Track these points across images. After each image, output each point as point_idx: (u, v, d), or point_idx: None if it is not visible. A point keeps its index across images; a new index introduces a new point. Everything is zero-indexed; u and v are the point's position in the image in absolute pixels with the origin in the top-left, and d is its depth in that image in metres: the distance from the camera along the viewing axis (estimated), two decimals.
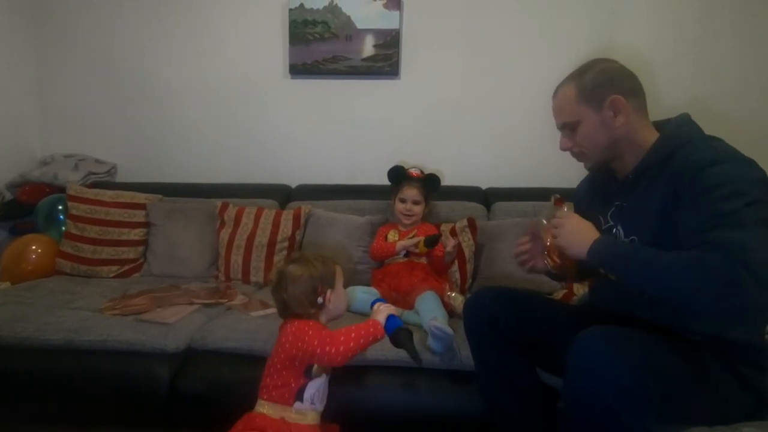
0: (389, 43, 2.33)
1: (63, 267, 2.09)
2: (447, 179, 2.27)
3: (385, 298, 1.63)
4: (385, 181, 2.02)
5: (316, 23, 2.34)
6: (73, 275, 2.07)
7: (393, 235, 1.96)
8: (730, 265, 0.84)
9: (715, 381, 0.94)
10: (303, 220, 2.12)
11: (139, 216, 2.18)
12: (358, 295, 1.64)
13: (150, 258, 2.17)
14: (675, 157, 1.00)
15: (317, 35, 2.35)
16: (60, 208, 2.26)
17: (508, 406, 1.20)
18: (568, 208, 1.14)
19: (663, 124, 1.10)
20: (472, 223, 1.99)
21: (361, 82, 2.41)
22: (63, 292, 1.83)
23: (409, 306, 1.64)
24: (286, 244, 2.07)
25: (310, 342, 1.15)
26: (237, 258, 2.06)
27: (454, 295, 1.67)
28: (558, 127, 1.15)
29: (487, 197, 2.26)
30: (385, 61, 2.35)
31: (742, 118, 2.22)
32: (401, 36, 2.35)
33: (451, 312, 1.59)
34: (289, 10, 2.35)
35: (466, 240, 1.97)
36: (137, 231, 2.16)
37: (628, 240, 1.06)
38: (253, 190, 2.33)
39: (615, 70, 1.09)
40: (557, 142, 1.16)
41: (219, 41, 2.46)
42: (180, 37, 2.47)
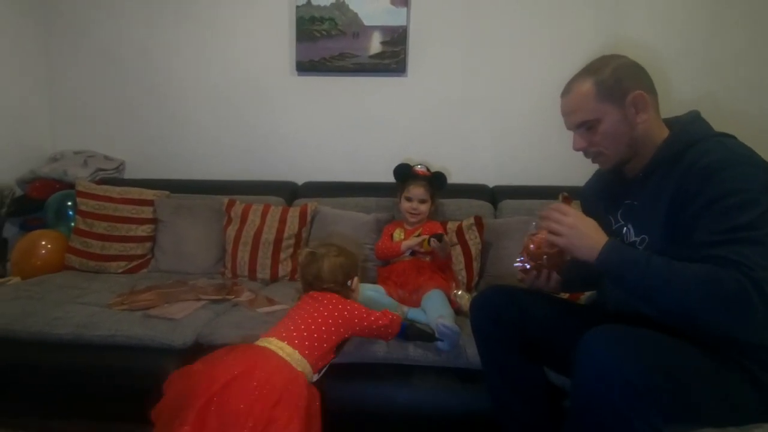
0: (396, 41, 2.32)
1: (72, 262, 2.11)
2: (454, 177, 2.26)
3: (392, 296, 1.65)
4: (391, 178, 2.02)
5: (323, 20, 2.34)
6: (82, 271, 2.09)
7: (399, 234, 1.95)
8: (740, 284, 0.83)
9: (725, 381, 0.92)
10: (309, 218, 2.12)
11: (146, 212, 2.19)
12: (364, 292, 1.64)
13: (157, 254, 2.18)
14: (685, 155, 0.98)
15: (324, 32, 2.35)
16: (69, 204, 2.28)
17: (513, 404, 1.20)
18: (575, 207, 1.13)
19: (673, 122, 1.08)
20: (478, 221, 1.98)
21: (368, 79, 2.40)
22: (72, 287, 1.85)
23: (415, 304, 1.64)
24: (292, 241, 2.08)
25: (359, 313, 1.25)
26: (244, 254, 2.06)
27: (460, 293, 1.67)
28: (570, 127, 1.10)
29: (494, 195, 2.25)
30: (392, 58, 2.34)
31: (751, 115, 2.19)
32: (408, 33, 2.34)
33: (457, 310, 1.59)
34: (296, 7, 2.35)
35: (473, 238, 1.96)
36: (145, 227, 2.18)
37: (638, 239, 1.05)
38: (259, 186, 2.34)
39: (633, 65, 1.06)
40: (565, 139, 1.14)
41: (226, 39, 2.46)
42: (188, 35, 2.48)
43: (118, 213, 2.15)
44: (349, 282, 1.34)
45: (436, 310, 1.49)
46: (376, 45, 2.34)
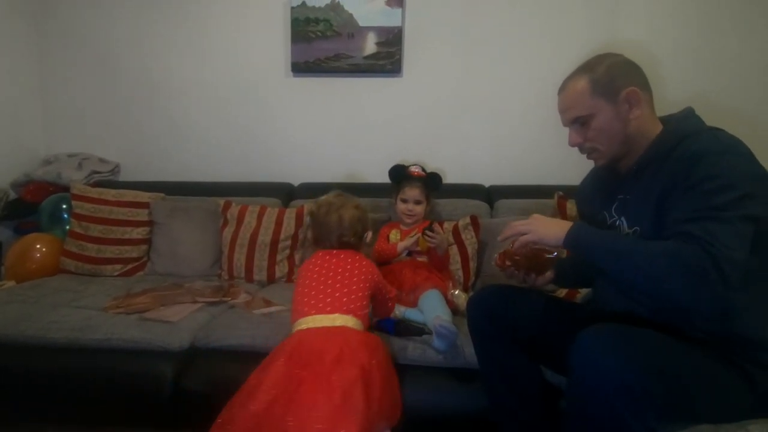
0: (391, 41, 2.33)
1: (67, 266, 2.10)
2: (449, 177, 2.26)
3: None
4: (387, 179, 2.02)
5: (318, 21, 2.34)
6: (77, 274, 2.08)
7: (395, 235, 1.95)
8: (699, 259, 0.86)
9: (719, 379, 0.93)
10: (306, 219, 2.12)
11: (142, 215, 2.18)
12: None
13: (153, 256, 2.17)
14: (677, 148, 1.00)
15: (319, 33, 2.35)
16: (64, 207, 2.27)
17: (510, 403, 1.21)
18: (570, 206, 1.15)
19: (667, 119, 1.10)
20: (474, 221, 1.98)
21: (363, 80, 2.40)
22: (67, 290, 1.84)
23: (412, 304, 1.64)
24: (288, 243, 2.08)
25: (379, 275, 1.30)
26: (240, 256, 2.06)
27: (457, 293, 1.67)
28: (566, 123, 1.13)
29: (490, 195, 2.25)
30: (387, 59, 2.34)
31: (745, 113, 2.20)
32: (403, 34, 2.34)
33: (454, 310, 1.59)
34: (291, 8, 2.34)
35: (469, 238, 1.96)
36: (140, 230, 2.17)
37: (631, 231, 1.06)
38: (255, 188, 2.33)
39: (627, 62, 1.08)
40: (561, 138, 1.15)
41: (221, 40, 2.46)
42: (182, 36, 2.47)
43: (113, 216, 2.14)
44: (365, 235, 1.36)
45: (433, 310, 1.49)
46: (371, 46, 2.34)
